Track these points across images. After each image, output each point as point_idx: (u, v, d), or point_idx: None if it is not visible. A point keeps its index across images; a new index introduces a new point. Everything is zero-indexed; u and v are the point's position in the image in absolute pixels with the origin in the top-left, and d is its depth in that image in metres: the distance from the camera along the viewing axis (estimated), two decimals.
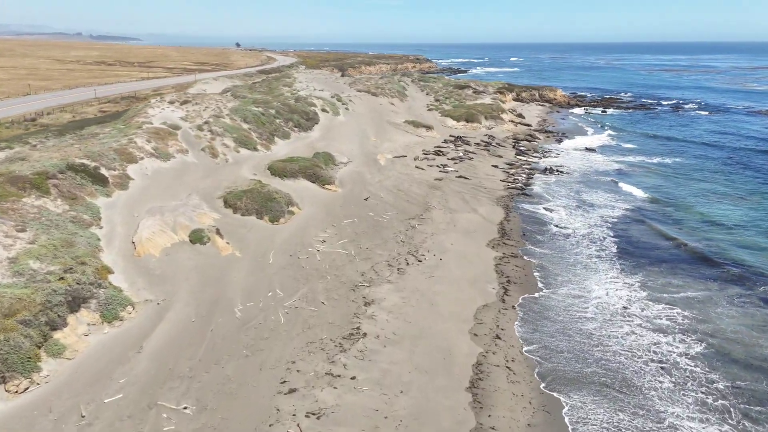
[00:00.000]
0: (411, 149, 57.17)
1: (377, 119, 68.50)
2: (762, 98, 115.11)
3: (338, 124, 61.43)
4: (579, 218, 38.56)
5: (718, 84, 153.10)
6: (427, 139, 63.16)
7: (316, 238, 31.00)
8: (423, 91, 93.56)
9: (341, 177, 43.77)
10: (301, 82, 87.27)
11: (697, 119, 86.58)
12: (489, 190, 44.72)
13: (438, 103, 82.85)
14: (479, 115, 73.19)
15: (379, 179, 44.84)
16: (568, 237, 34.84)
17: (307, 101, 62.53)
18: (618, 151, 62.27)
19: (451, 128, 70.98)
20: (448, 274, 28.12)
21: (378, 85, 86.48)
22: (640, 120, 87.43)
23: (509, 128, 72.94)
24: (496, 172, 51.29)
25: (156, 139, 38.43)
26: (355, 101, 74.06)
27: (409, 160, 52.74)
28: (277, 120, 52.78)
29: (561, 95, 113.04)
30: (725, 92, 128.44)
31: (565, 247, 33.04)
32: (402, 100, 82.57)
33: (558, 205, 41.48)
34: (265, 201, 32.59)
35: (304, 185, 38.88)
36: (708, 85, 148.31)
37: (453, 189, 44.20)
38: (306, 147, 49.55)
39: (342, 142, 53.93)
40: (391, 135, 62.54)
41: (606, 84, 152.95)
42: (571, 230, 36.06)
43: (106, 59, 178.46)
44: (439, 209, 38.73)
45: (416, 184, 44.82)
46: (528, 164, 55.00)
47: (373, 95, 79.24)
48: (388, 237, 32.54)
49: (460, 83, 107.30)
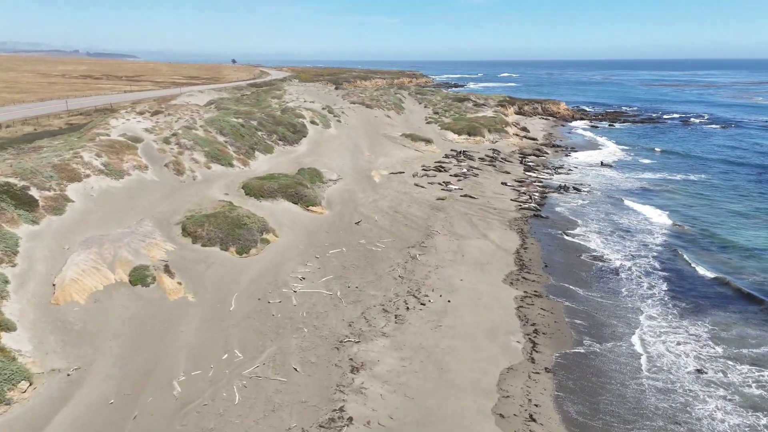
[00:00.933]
0: (409, 165, 51.50)
1: (372, 132, 62.97)
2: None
3: (328, 137, 55.79)
4: (613, 246, 32.68)
5: (722, 98, 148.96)
6: (427, 153, 57.55)
7: (293, 275, 25.01)
8: (421, 104, 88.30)
9: (329, 196, 37.93)
10: (291, 94, 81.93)
11: (712, 133, 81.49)
12: (499, 212, 38.93)
13: (437, 116, 77.50)
14: (482, 128, 67.77)
15: (373, 199, 39.04)
16: (603, 270, 28.93)
17: (295, 112, 56.95)
18: (636, 167, 56.79)
19: (452, 142, 65.46)
20: (459, 322, 22.14)
21: (373, 97, 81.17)
22: (651, 134, 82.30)
23: (514, 142, 67.49)
24: (505, 190, 45.57)
25: (109, 154, 32.53)
26: (347, 113, 68.58)
27: (407, 177, 47.02)
28: (259, 132, 47.07)
29: (564, 109, 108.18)
30: (732, 106, 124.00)
31: (602, 284, 27.12)
32: (399, 113, 77.18)
33: (586, 230, 35.66)
34: (232, 227, 26.65)
35: (284, 207, 32.98)
36: (713, 99, 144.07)
37: (458, 210, 38.40)
38: (291, 162, 43.79)
39: (332, 156, 48.22)
40: (387, 149, 56.95)
41: (607, 98, 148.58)
42: (606, 262, 30.17)
43: (93, 73, 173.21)
44: (443, 235, 32.87)
45: (416, 204, 39.02)
46: (539, 181, 49.35)
47: (368, 107, 73.80)
48: (383, 271, 26.59)
49: (459, 96, 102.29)
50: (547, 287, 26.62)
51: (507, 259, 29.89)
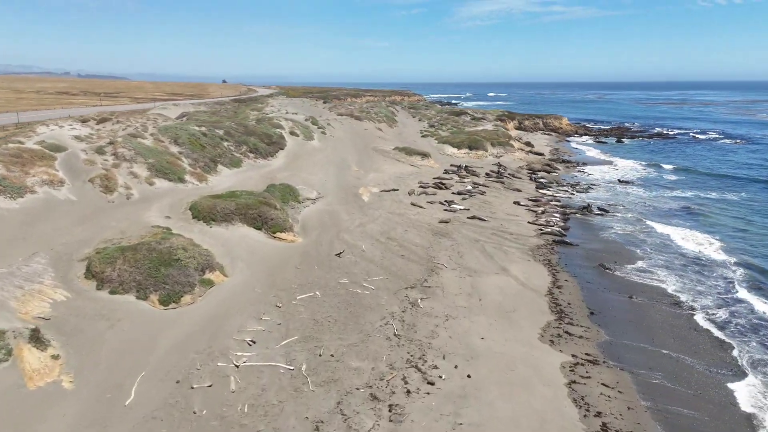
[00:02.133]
0: (404, 181, 44.03)
1: (361, 146, 55.68)
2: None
3: (310, 150, 48.36)
4: (676, 283, 25.06)
5: (724, 115, 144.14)
6: (424, 168, 50.20)
7: (239, 336, 17.16)
8: (414, 118, 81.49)
9: (305, 219, 30.25)
10: (273, 107, 74.75)
11: (731, 149, 74.98)
12: (517, 237, 31.38)
13: (433, 129, 70.52)
14: (484, 142, 60.72)
15: (360, 222, 31.39)
16: (677, 319, 21.29)
17: (272, 122, 49.57)
18: (661, 185, 49.71)
19: (452, 156, 58.27)
20: (487, 414, 14.34)
21: (363, 109, 74.24)
22: (664, 150, 75.74)
23: (520, 157, 60.45)
24: (518, 210, 38.13)
25: (12, 166, 24.75)
26: (334, 125, 61.36)
27: (402, 195, 39.48)
28: (224, 143, 39.53)
29: (567, 124, 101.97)
30: (739, 123, 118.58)
31: (683, 342, 19.47)
32: (391, 126, 70.14)
33: (632, 261, 28.09)
34: (157, 266, 18.84)
35: (241, 234, 25.20)
36: (716, 116, 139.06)
37: (466, 236, 30.80)
38: (261, 178, 36.18)
39: (313, 171, 40.69)
40: (378, 164, 49.57)
41: (605, 116, 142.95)
42: (678, 306, 22.57)
43: (71, 90, 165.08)
44: (451, 269, 25.20)
45: (414, 228, 31.40)
46: (556, 200, 42.04)
47: (357, 119, 66.70)
48: (372, 327, 18.81)
49: (455, 110, 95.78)
50: (603, 346, 18.96)
51: (538, 304, 22.23)
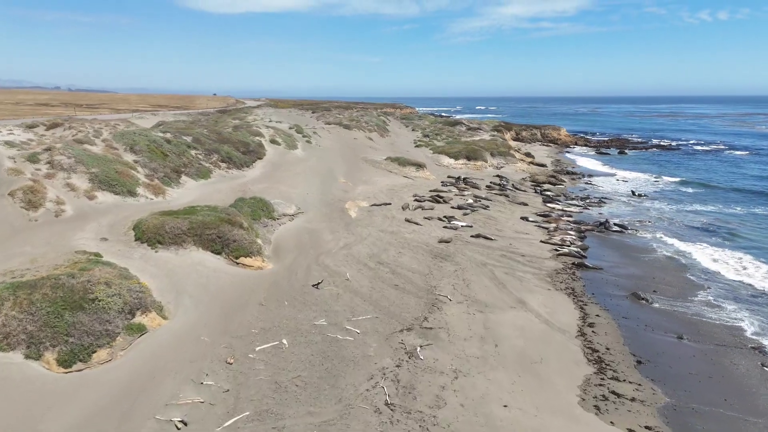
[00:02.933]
0: (397, 194, 39.26)
1: (350, 156, 50.98)
2: None
3: (293, 160, 43.55)
4: (742, 315, 20.35)
5: (724, 127, 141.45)
6: (419, 180, 45.48)
7: (164, 415, 12.08)
8: (408, 127, 77.17)
9: (279, 240, 25.30)
10: (257, 116, 70.09)
11: (740, 161, 70.97)
12: (530, 260, 26.60)
13: (427, 139, 66.06)
14: (483, 152, 56.23)
15: (345, 242, 26.49)
16: (753, 366, 16.55)
17: (251, 129, 44.78)
18: (680, 199, 45.29)
19: (449, 167, 53.69)
20: None
21: (353, 118, 69.76)
22: (672, 161, 71.71)
23: (523, 168, 56.00)
24: (527, 227, 33.40)
25: None
26: (321, 134, 56.71)
27: (396, 211, 34.67)
28: (192, 151, 34.64)
29: (565, 135, 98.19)
30: (741, 135, 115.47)
31: None
32: (383, 135, 65.61)
33: (674, 290, 23.37)
34: (59, 310, 13.79)
35: (195, 260, 20.18)
36: (715, 128, 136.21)
37: (472, 258, 25.97)
38: (232, 190, 31.26)
39: (294, 183, 35.83)
40: (369, 175, 44.81)
41: (601, 127, 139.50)
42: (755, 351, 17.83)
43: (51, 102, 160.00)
44: (456, 303, 20.31)
45: (409, 249, 26.53)
46: (568, 215, 37.44)
47: (346, 128, 62.13)
48: (355, 392, 13.81)
49: (450, 120, 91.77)
50: (665, 414, 14.10)
51: (570, 350, 17.36)
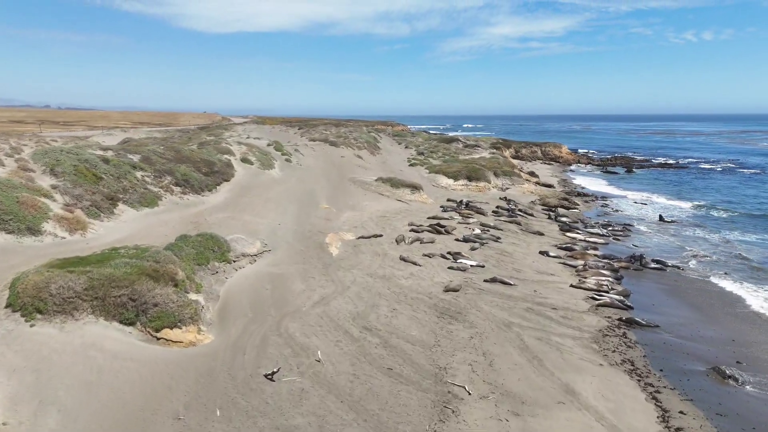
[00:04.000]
0: (389, 222, 32.90)
1: (335, 176, 44.70)
2: None
3: (267, 181, 37.19)
4: None
5: (726, 144, 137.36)
6: (414, 205, 39.20)
7: None
8: (401, 145, 71.28)
9: (231, 294, 18.77)
10: (236, 132, 63.96)
11: (761, 181, 65.50)
12: (565, 314, 20.23)
13: (422, 157, 60.05)
14: (486, 172, 50.19)
15: (321, 294, 20.02)
16: None
17: (219, 146, 38.45)
18: (714, 225, 39.30)
19: (447, 189, 47.55)
20: None
21: (340, 134, 63.73)
22: (686, 180, 66.23)
23: (530, 189, 49.97)
24: (550, 265, 27.11)
25: None
26: (303, 152, 50.51)
27: (388, 244, 28.26)
28: (137, 173, 28.16)
29: (567, 152, 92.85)
30: (748, 153, 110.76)
31: None
32: (373, 153, 59.54)
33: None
34: None
35: (89, 338, 13.58)
36: (718, 146, 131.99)
37: (490, 315, 19.55)
38: (182, 222, 24.79)
39: (263, 211, 29.39)
40: (357, 199, 38.50)
41: (599, 145, 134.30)
42: None
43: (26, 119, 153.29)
44: (478, 398, 13.80)
45: (406, 304, 20.08)
46: (593, 247, 31.26)
47: (332, 145, 56.00)
48: None
49: (445, 137, 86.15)
50: None
51: None
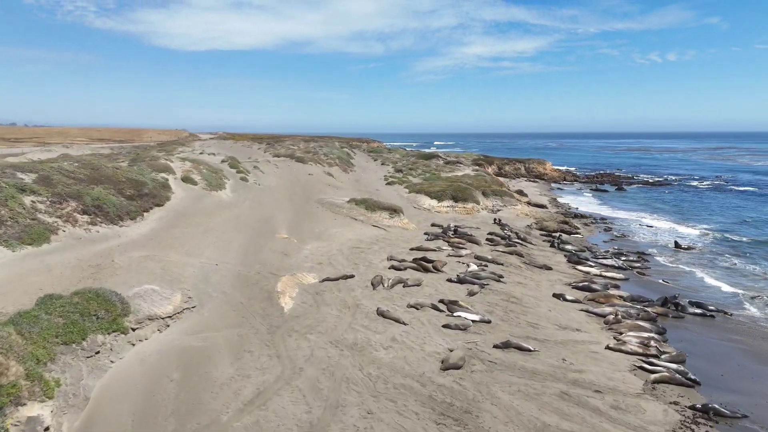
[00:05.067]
0: (363, 256, 26.37)
1: (300, 197, 38.10)
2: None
3: (212, 205, 30.35)
4: None
5: (705, 160, 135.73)
6: (394, 231, 32.79)
7: None
8: (376, 161, 65.14)
9: (105, 396, 11.93)
10: (191, 147, 56.99)
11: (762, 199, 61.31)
12: (615, 403, 13.92)
13: (401, 175, 53.92)
14: (473, 191, 44.20)
15: (257, 385, 13.31)
16: None
17: (156, 163, 31.53)
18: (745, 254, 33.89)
19: (430, 211, 41.35)
20: None
21: (309, 150, 57.24)
22: (682, 198, 61.69)
23: (524, 211, 44.14)
24: (570, 313, 20.90)
25: None
26: (265, 169, 43.80)
27: (360, 289, 21.67)
28: (26, 197, 21.12)
29: (551, 169, 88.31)
30: (730, 169, 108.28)
31: None
32: (346, 171, 53.17)
33: None
34: None
35: None
36: (697, 162, 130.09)
37: (512, 412, 13.13)
38: (77, 266, 17.86)
39: (199, 246, 22.58)
40: (324, 225, 31.91)
41: (578, 162, 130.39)
42: None
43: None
44: None
45: (388, 399, 13.47)
46: (611, 282, 25.31)
47: (299, 161, 49.43)
48: None
49: (424, 153, 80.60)
50: None
51: None
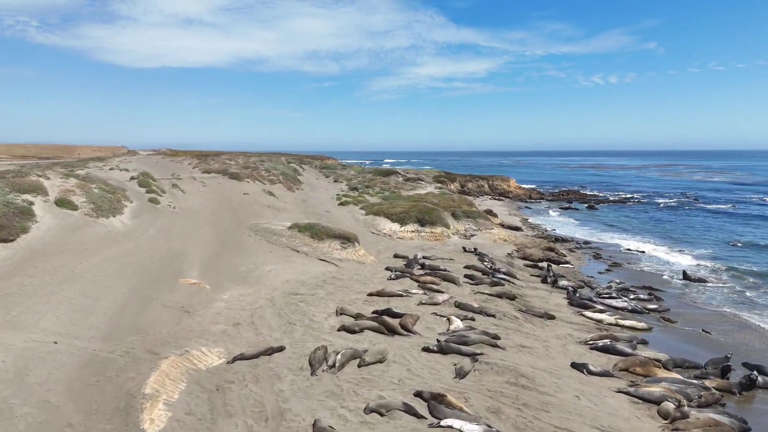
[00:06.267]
0: (303, 308, 18.65)
1: (228, 223, 30.05)
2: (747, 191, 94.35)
3: (95, 238, 21.99)
4: None
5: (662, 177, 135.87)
6: (347, 267, 25.19)
7: None
8: (328, 178, 57.60)
9: None
10: (103, 163, 47.84)
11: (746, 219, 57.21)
12: None
13: (356, 193, 46.54)
14: (441, 213, 37.26)
15: None
16: None
17: (19, 181, 22.93)
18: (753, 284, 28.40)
19: (391, 237, 34.10)
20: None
21: (247, 165, 49.14)
22: (658, 218, 57.19)
23: (501, 236, 37.55)
24: (608, 402, 13.91)
25: None
26: (187, 188, 35.49)
27: (290, 374, 13.91)
28: None
29: (516, 186, 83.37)
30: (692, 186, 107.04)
31: None
32: (291, 189, 45.39)
33: None
34: None
35: None
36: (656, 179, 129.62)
37: None
38: None
39: (41, 305, 14.38)
40: (254, 260, 24.00)
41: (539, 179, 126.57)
42: None
43: None
44: None
45: None
46: (640, 339, 18.71)
47: (233, 178, 41.32)
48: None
49: (381, 170, 73.76)
50: None
51: None
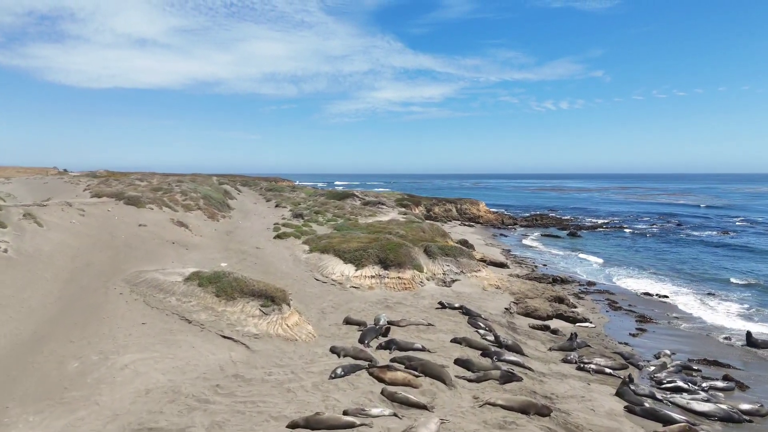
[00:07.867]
0: None
1: (95, 272, 19.73)
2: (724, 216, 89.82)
3: None
4: None
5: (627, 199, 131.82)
6: (264, 349, 15.35)
7: None
8: (269, 201, 47.50)
9: None
10: None
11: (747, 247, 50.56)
12: None
13: (300, 222, 36.65)
14: (411, 249, 27.82)
15: None
16: None
17: None
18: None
19: (343, 285, 24.39)
20: None
21: (158, 187, 38.63)
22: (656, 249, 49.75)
23: (491, 280, 28.35)
24: None
25: None
26: (49, 218, 24.85)
27: None
28: None
29: (486, 210, 75.30)
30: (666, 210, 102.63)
31: None
32: (215, 217, 35.14)
33: None
34: None
35: None
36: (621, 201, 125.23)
37: None
38: None
39: None
40: (105, 343, 13.88)
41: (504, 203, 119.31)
42: None
43: None
44: None
45: None
46: None
47: (131, 204, 30.86)
48: None
49: (336, 192, 64.18)
50: None
51: None
